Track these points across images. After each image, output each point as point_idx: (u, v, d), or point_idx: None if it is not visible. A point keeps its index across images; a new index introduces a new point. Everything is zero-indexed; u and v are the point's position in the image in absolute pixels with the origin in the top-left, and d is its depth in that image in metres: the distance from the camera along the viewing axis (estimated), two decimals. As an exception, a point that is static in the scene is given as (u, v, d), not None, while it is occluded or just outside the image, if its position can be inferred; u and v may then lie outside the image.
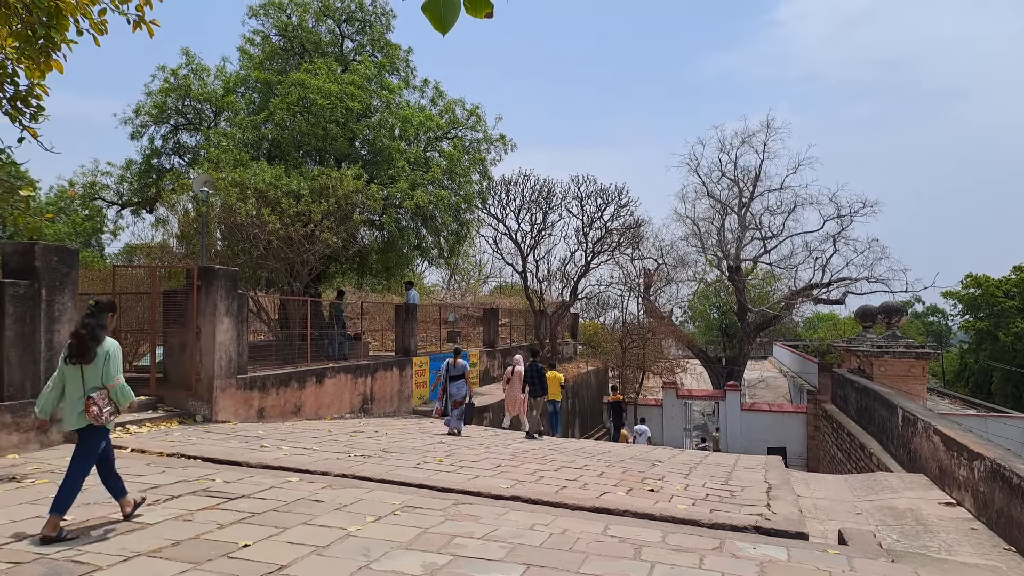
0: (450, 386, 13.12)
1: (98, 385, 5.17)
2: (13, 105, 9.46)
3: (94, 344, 5.17)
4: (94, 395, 5.11)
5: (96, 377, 5.16)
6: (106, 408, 5.14)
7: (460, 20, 2.38)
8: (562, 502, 6.90)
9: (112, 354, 5.23)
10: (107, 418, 5.14)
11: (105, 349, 5.22)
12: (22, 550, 4.63)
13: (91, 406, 5.07)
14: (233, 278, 11.74)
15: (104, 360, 5.19)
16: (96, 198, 20.65)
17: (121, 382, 5.25)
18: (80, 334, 5.20)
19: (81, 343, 5.15)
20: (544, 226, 26.67)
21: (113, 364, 5.22)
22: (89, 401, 5.08)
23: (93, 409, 5.07)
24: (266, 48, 20.03)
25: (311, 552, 4.86)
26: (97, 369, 5.17)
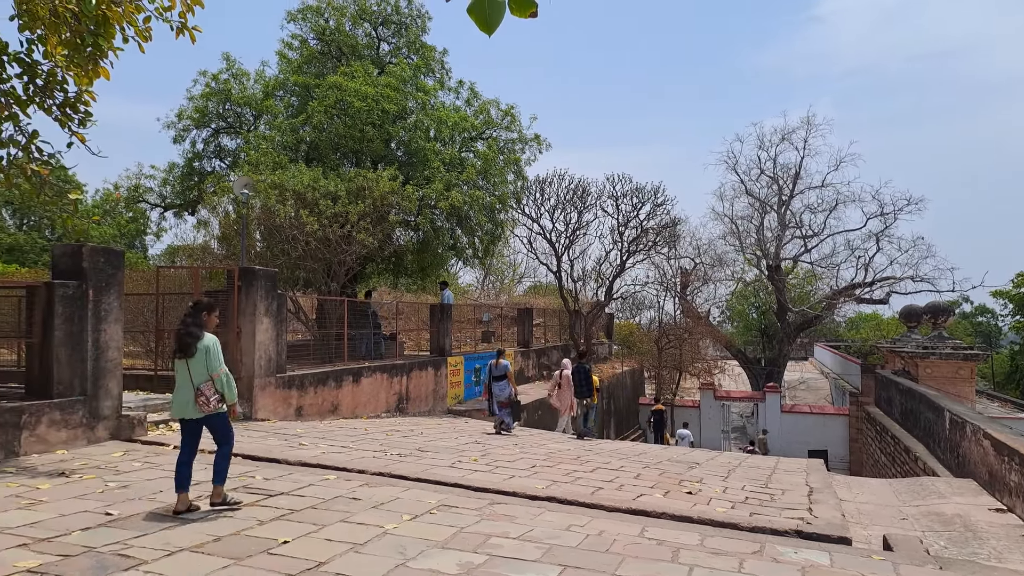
0: (494, 387, 13.44)
1: (204, 377, 5.69)
2: (63, 111, 9.75)
3: (193, 340, 5.70)
4: (202, 386, 5.67)
5: (201, 369, 5.70)
6: (213, 397, 5.70)
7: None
8: (598, 503, 6.84)
9: (212, 348, 5.76)
10: (215, 405, 5.70)
11: (205, 344, 5.74)
12: (70, 543, 4.76)
13: (199, 396, 5.65)
14: (272, 279, 11.93)
15: (205, 354, 5.71)
16: (140, 201, 21.21)
17: (225, 371, 5.79)
18: (180, 332, 5.79)
19: (181, 340, 5.73)
20: (579, 226, 26.52)
21: (214, 356, 5.74)
22: (198, 392, 5.65)
23: (201, 399, 5.65)
24: (304, 52, 20.33)
25: (349, 549, 4.90)
26: (200, 362, 5.70)
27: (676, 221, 29.25)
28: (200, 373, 5.69)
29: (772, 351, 37.60)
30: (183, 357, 5.71)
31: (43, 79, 9.41)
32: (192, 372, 5.69)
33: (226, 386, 5.76)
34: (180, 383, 5.74)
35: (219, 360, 5.77)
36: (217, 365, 5.74)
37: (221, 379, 5.73)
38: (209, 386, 5.68)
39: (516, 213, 25.19)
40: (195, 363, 5.69)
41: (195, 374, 5.68)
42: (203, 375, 5.69)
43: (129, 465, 7.31)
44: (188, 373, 5.69)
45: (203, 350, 5.71)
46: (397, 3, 20.60)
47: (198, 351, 5.69)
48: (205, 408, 5.67)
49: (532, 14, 2.38)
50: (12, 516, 5.29)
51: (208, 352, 5.72)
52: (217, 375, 5.72)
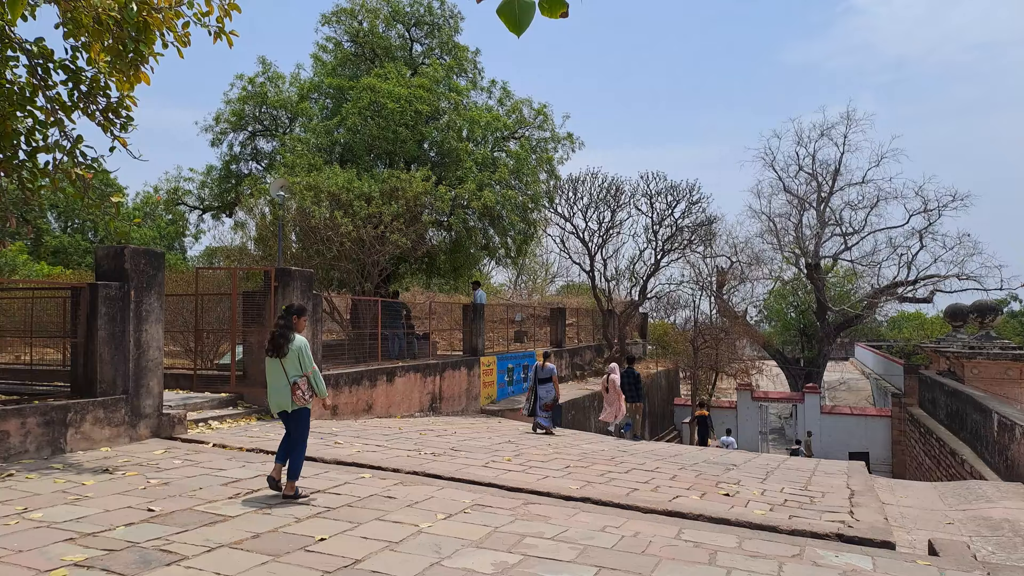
0: (539, 389, 13.50)
1: (297, 374, 6.21)
2: (105, 116, 9.99)
3: (284, 341, 6.25)
4: (297, 381, 6.19)
5: (293, 367, 6.23)
6: (307, 392, 6.25)
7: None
8: (633, 504, 6.77)
9: (303, 348, 6.31)
10: (307, 400, 6.26)
11: (297, 345, 6.27)
12: (114, 538, 4.86)
13: (295, 391, 6.18)
14: (308, 279, 12.07)
15: (297, 353, 6.25)
16: (179, 203, 21.70)
17: (315, 370, 6.34)
18: (274, 333, 6.35)
19: (274, 340, 6.28)
20: (612, 224, 26.33)
21: (306, 356, 6.30)
22: (294, 387, 6.18)
23: (298, 393, 6.19)
24: (338, 54, 20.57)
25: (384, 547, 4.92)
26: (292, 361, 6.23)
27: (712, 219, 28.87)
28: (294, 370, 6.22)
29: (811, 351, 36.90)
30: (275, 356, 6.24)
31: (87, 85, 9.66)
32: (287, 370, 6.22)
33: (315, 382, 6.31)
34: (274, 380, 6.27)
35: (310, 359, 6.34)
36: (309, 364, 6.30)
37: (312, 376, 6.30)
38: (304, 382, 6.23)
39: (549, 212, 25.13)
40: (288, 362, 6.23)
41: (289, 372, 6.22)
42: (297, 372, 6.22)
43: (170, 463, 7.45)
44: (283, 371, 6.23)
45: (295, 350, 6.24)
46: (430, 4, 20.72)
47: (290, 351, 6.23)
48: (300, 402, 6.20)
49: (563, 14, 2.36)
50: (59, 511, 5.43)
51: (301, 352, 6.27)
52: (310, 373, 6.27)
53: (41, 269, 30.60)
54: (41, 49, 9.30)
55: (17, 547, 4.57)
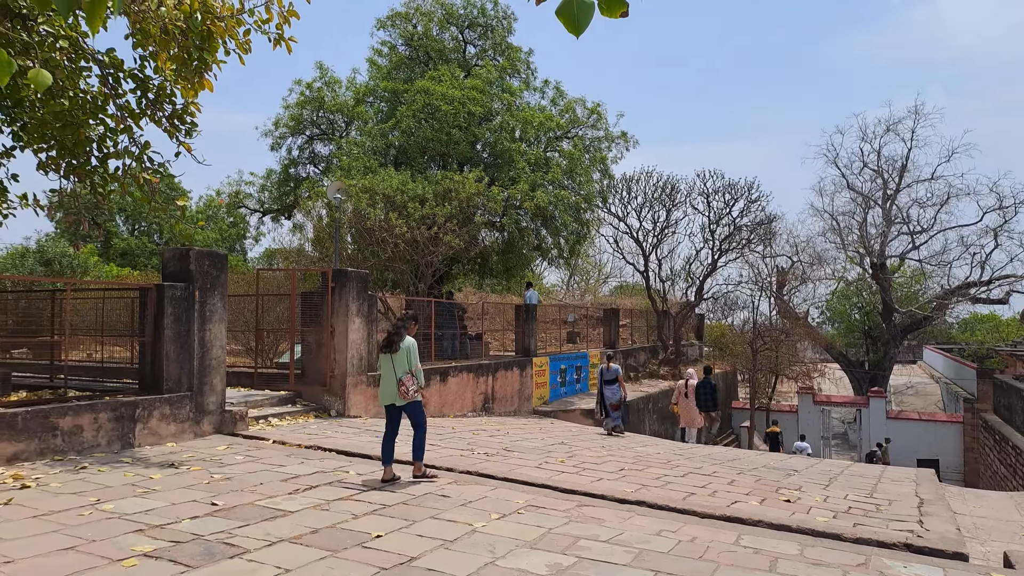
0: (605, 390, 13.75)
1: (404, 371, 6.90)
2: (171, 123, 10.34)
3: (398, 339, 6.98)
4: (403, 378, 6.88)
5: (402, 364, 6.92)
6: (412, 388, 6.91)
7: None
8: (690, 509, 6.62)
9: (412, 348, 7.02)
10: (413, 395, 6.92)
11: (407, 344, 7.00)
12: (180, 530, 5.02)
13: (401, 386, 6.87)
14: (364, 280, 12.26)
15: (407, 352, 6.95)
16: (240, 206, 22.37)
17: (419, 367, 7.02)
18: (390, 332, 7.15)
19: (389, 338, 7.06)
20: (667, 224, 25.95)
21: (413, 355, 7.01)
22: (400, 383, 6.87)
23: (403, 388, 6.87)
24: (393, 58, 20.86)
25: (439, 546, 4.94)
26: (402, 358, 6.93)
27: (771, 218, 28.18)
28: (402, 367, 6.91)
29: (877, 354, 35.60)
30: (389, 352, 6.96)
31: (154, 93, 10.02)
32: (396, 366, 6.92)
33: (418, 376, 6.99)
34: (385, 376, 7.01)
35: (417, 358, 7.02)
36: (415, 362, 6.98)
37: (418, 373, 6.97)
38: (410, 378, 6.90)
39: (602, 212, 24.95)
40: (398, 359, 6.92)
41: (398, 368, 6.91)
42: (404, 369, 6.90)
43: (232, 458, 7.66)
44: (392, 367, 6.93)
45: (405, 349, 6.95)
46: (483, 5, 20.83)
47: (401, 349, 6.93)
48: (405, 396, 6.88)
49: (623, 14, 2.32)
50: (129, 503, 5.64)
51: (409, 351, 6.97)
52: (415, 369, 6.94)
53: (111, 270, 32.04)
54: (112, 59, 9.70)
55: (91, 537, 4.76)
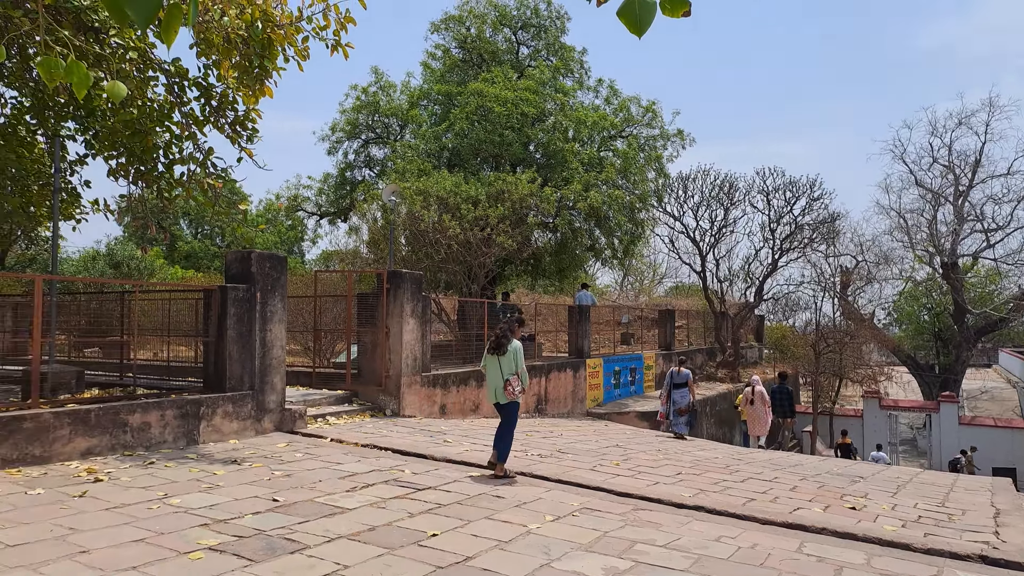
0: (674, 393, 13.67)
1: (511, 371, 7.22)
2: (233, 129, 10.66)
3: (505, 342, 7.31)
4: (510, 378, 7.20)
5: (509, 365, 7.25)
6: (517, 388, 7.23)
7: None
8: (750, 515, 6.44)
9: (518, 350, 7.33)
10: (517, 395, 7.25)
11: (514, 347, 7.30)
12: (243, 525, 5.14)
13: (507, 387, 7.20)
14: (418, 281, 12.38)
15: (513, 354, 7.26)
16: (298, 209, 22.89)
17: (524, 369, 7.32)
18: (498, 334, 7.45)
19: (498, 340, 7.38)
20: (725, 223, 25.36)
21: (519, 357, 7.30)
22: (506, 383, 7.20)
23: (509, 388, 7.20)
24: (447, 61, 21.04)
25: (494, 546, 4.93)
26: (508, 360, 7.25)
27: (835, 216, 27.24)
28: (509, 368, 7.23)
29: (948, 357, 34.11)
30: (497, 354, 7.30)
31: (217, 100, 10.34)
32: (503, 367, 7.26)
33: (523, 378, 7.28)
34: (492, 376, 7.35)
35: (522, 360, 7.32)
36: (520, 364, 7.28)
37: (522, 375, 7.28)
38: (515, 379, 7.22)
39: (657, 212, 24.59)
40: (505, 360, 7.26)
41: (504, 369, 7.25)
42: (510, 370, 7.23)
43: (291, 456, 7.82)
44: (499, 368, 7.27)
45: (512, 351, 7.26)
46: (536, 6, 20.83)
47: (509, 351, 7.25)
48: (510, 396, 7.22)
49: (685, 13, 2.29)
50: (194, 498, 5.81)
51: (516, 353, 7.28)
52: (520, 371, 7.24)
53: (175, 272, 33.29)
54: (178, 68, 10.06)
55: (159, 530, 4.92)
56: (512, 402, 7.31)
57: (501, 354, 7.27)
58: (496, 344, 7.36)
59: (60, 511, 5.26)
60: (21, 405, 7.28)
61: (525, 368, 7.40)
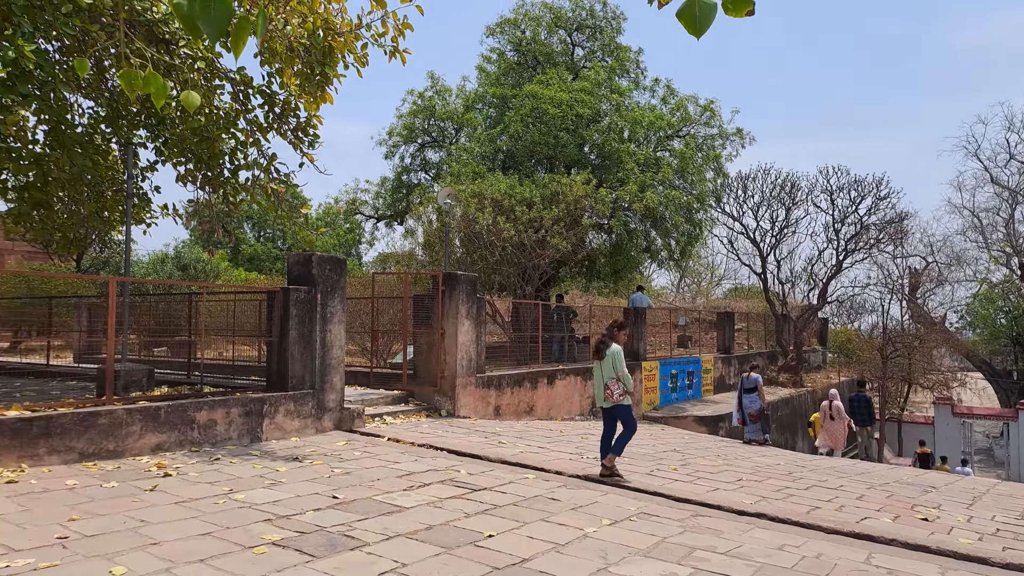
0: (744, 399, 13.74)
1: (611, 375, 7.44)
2: (295, 135, 10.94)
3: (604, 347, 7.55)
4: (609, 382, 7.46)
5: (608, 370, 7.48)
6: (617, 391, 7.46)
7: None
8: (815, 524, 6.24)
9: (617, 355, 7.52)
10: (618, 398, 7.47)
11: (613, 351, 7.53)
12: (305, 521, 5.25)
13: (607, 390, 7.47)
14: (473, 283, 12.45)
15: (612, 358, 7.48)
16: (356, 213, 23.34)
17: (624, 373, 7.49)
18: (598, 341, 7.72)
19: (598, 347, 7.65)
20: (787, 223, 24.63)
21: (618, 361, 7.49)
22: (606, 387, 7.47)
23: (607, 392, 7.47)
24: (502, 64, 21.13)
25: (550, 548, 4.90)
26: (608, 364, 7.48)
27: (903, 215, 26.15)
28: (608, 373, 7.46)
29: (1027, 362, 32.41)
30: (598, 360, 7.56)
31: (280, 107, 10.64)
32: (603, 372, 7.50)
33: (624, 381, 7.45)
34: (596, 381, 7.65)
35: (622, 364, 7.50)
36: (620, 367, 7.46)
37: (623, 378, 7.44)
38: (615, 383, 7.44)
39: (715, 212, 24.09)
40: (604, 365, 7.48)
41: (604, 374, 7.49)
42: (610, 374, 7.45)
43: (350, 454, 7.96)
44: (601, 373, 7.53)
45: (610, 356, 7.47)
46: (592, 7, 20.73)
47: (607, 356, 7.47)
48: (610, 399, 7.47)
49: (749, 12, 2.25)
50: (258, 494, 5.97)
51: (614, 358, 7.48)
52: (620, 375, 7.43)
53: (239, 274, 34.39)
54: (243, 77, 10.38)
55: (225, 524, 5.07)
56: (617, 405, 7.50)
57: (601, 359, 7.52)
58: (596, 350, 7.65)
59: (133, 504, 5.47)
60: (96, 402, 7.62)
61: (626, 371, 7.55)
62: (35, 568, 4.05)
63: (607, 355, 7.50)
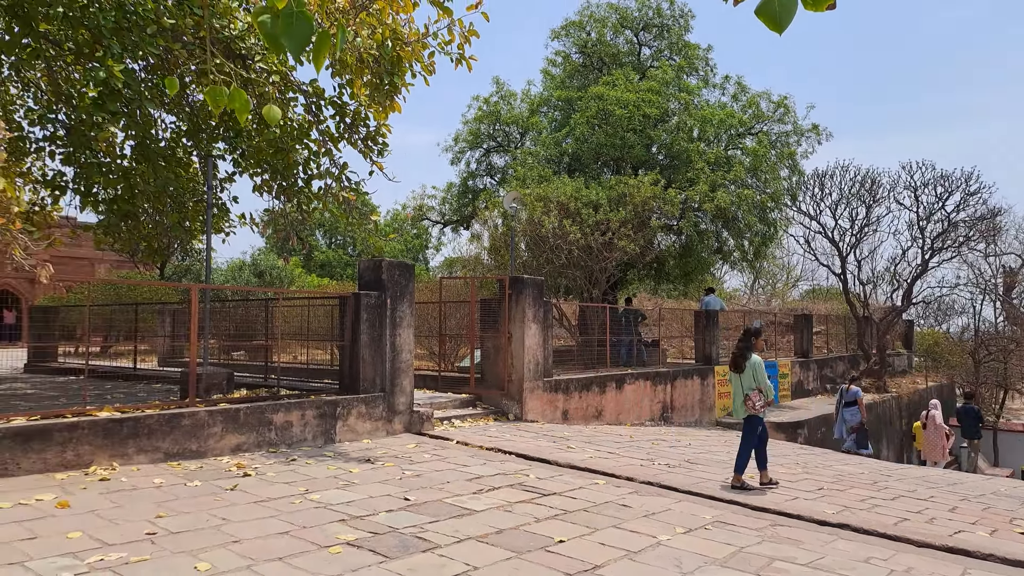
0: (844, 412, 13.66)
1: (752, 387, 7.36)
2: (365, 144, 11.19)
3: (742, 360, 7.44)
4: (750, 393, 7.35)
5: (749, 381, 7.39)
6: (759, 403, 7.35)
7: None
8: (904, 536, 5.91)
9: (757, 365, 7.43)
10: (759, 409, 7.36)
11: (754, 362, 7.43)
12: (378, 522, 5.32)
13: (747, 401, 7.36)
14: (540, 287, 12.42)
15: (753, 370, 7.40)
16: (423, 218, 23.70)
17: (767, 384, 7.44)
18: (734, 352, 7.58)
19: (734, 359, 7.54)
20: (867, 222, 23.58)
21: (759, 372, 7.41)
22: (746, 398, 7.36)
23: (749, 403, 7.36)
24: (567, 67, 21.08)
25: (623, 556, 4.80)
26: (748, 376, 7.40)
27: (995, 211, 24.63)
28: (748, 384, 7.38)
29: None
30: (735, 371, 7.48)
31: (350, 117, 10.90)
32: (743, 383, 7.41)
33: (766, 392, 7.41)
34: (734, 392, 7.56)
35: (763, 374, 7.42)
36: (762, 379, 7.38)
37: (764, 389, 7.40)
38: (756, 394, 7.35)
39: (791, 211, 23.30)
40: (745, 377, 7.40)
41: (744, 385, 7.39)
42: (751, 385, 7.37)
43: (420, 456, 8.04)
44: (740, 384, 7.44)
45: (750, 367, 7.39)
46: (659, 6, 20.46)
47: (747, 368, 7.39)
48: (751, 410, 7.37)
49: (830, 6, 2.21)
50: (333, 494, 6.09)
51: (755, 369, 7.40)
52: (761, 386, 7.36)
53: (312, 280, 35.45)
54: (315, 89, 10.69)
55: (302, 523, 5.19)
56: (755, 416, 7.43)
57: (740, 371, 7.44)
58: (734, 364, 7.56)
59: (215, 502, 5.67)
60: (180, 404, 7.96)
61: (768, 382, 7.51)
62: (127, 562, 4.24)
63: (747, 367, 7.42)
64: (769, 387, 7.47)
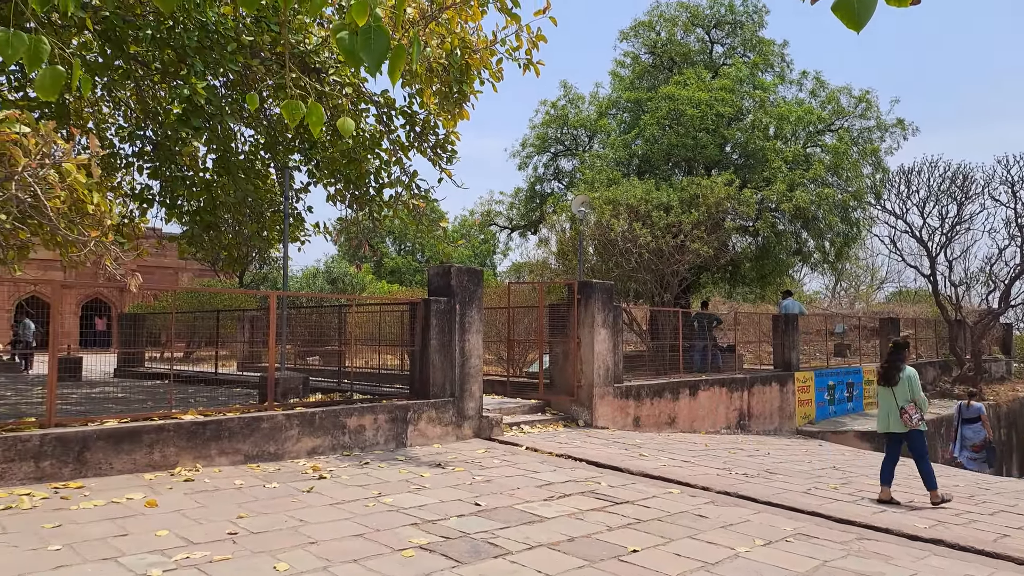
0: (964, 429, 13.08)
1: (906, 400, 7.24)
2: (435, 152, 11.34)
3: (895, 371, 7.34)
4: (906, 406, 7.20)
5: (903, 394, 7.27)
6: (915, 415, 7.19)
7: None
8: (1004, 553, 5.51)
9: (912, 377, 7.33)
10: (917, 422, 7.20)
11: (906, 374, 7.32)
12: (449, 527, 5.33)
13: (903, 414, 7.20)
14: (609, 291, 12.26)
15: (907, 382, 7.28)
16: (491, 224, 23.83)
17: (922, 397, 7.33)
18: (886, 366, 7.50)
19: (886, 371, 7.45)
20: (959, 220, 22.28)
21: (914, 384, 7.30)
22: (902, 411, 7.20)
23: (905, 416, 7.19)
24: (636, 68, 20.82)
25: (700, 567, 4.64)
26: (903, 388, 7.28)
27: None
28: (903, 397, 7.26)
29: None
30: (887, 385, 7.37)
31: (420, 126, 11.07)
32: (896, 396, 7.29)
33: (922, 406, 7.26)
34: (884, 404, 7.44)
35: (919, 387, 7.32)
36: (917, 391, 7.27)
37: (921, 402, 7.26)
38: (912, 407, 7.20)
39: (875, 210, 22.24)
40: (899, 389, 7.28)
41: (899, 398, 7.27)
42: (906, 398, 7.24)
43: (490, 462, 8.04)
44: (893, 397, 7.32)
45: (905, 379, 7.28)
46: (731, 3, 19.98)
47: (901, 380, 7.28)
48: (908, 424, 7.20)
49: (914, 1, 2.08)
50: (405, 498, 6.15)
51: (910, 380, 7.28)
52: (918, 399, 7.24)
53: (382, 287, 36.19)
54: (386, 100, 10.90)
55: (375, 526, 5.26)
56: (915, 431, 7.26)
57: (893, 384, 7.30)
58: (885, 376, 7.43)
59: (292, 504, 5.81)
60: (259, 407, 8.22)
61: (924, 395, 7.38)
62: (210, 560, 4.38)
63: (902, 379, 7.28)
64: (925, 400, 7.32)
